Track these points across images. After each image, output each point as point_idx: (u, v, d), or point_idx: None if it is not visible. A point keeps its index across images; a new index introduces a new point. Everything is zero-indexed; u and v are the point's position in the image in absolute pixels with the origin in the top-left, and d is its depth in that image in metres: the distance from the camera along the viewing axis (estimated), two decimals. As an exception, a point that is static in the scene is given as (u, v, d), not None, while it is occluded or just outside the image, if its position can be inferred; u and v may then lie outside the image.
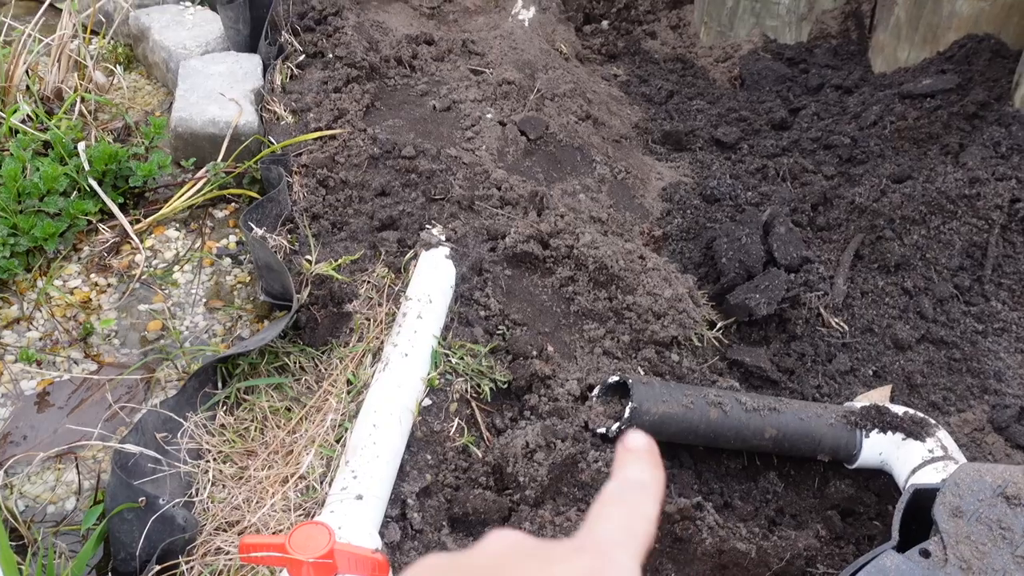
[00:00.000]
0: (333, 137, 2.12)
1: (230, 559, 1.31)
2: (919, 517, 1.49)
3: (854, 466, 1.75)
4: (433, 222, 1.95)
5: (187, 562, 1.29)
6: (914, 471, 1.65)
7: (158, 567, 1.25)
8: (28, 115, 2.06)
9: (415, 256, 1.87)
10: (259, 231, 1.76)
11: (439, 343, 1.69)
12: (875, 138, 2.52)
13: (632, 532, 0.48)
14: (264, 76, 2.26)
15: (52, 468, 1.49)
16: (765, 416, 1.71)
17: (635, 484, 0.50)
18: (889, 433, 1.72)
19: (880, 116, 2.57)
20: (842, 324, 2.03)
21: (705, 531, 1.61)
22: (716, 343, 1.97)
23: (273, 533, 1.36)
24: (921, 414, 1.76)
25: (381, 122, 2.22)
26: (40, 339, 1.70)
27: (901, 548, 1.36)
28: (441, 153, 2.11)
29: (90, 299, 1.79)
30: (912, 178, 2.31)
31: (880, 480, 1.78)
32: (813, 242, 2.23)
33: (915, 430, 1.71)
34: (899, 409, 1.76)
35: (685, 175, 2.48)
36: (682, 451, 1.78)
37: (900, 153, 2.46)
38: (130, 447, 1.36)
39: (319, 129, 2.12)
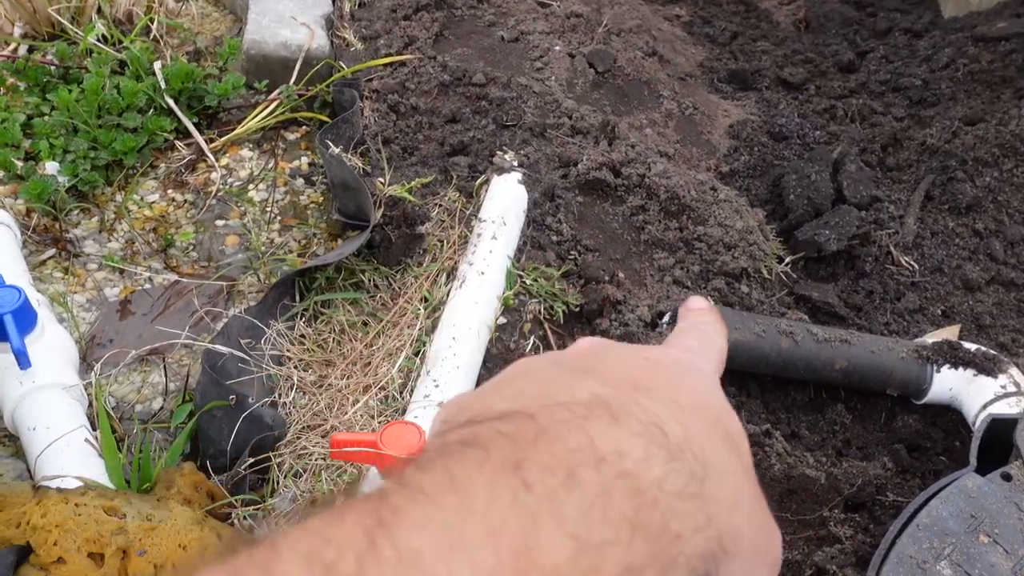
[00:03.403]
0: (403, 64, 2.12)
1: (316, 459, 1.34)
2: (992, 447, 1.49)
3: (923, 401, 1.74)
4: (505, 148, 1.95)
5: (277, 456, 1.32)
6: (985, 406, 1.65)
7: (251, 459, 1.28)
8: (103, 35, 2.07)
9: (487, 181, 1.87)
10: (335, 149, 1.78)
11: (513, 264, 1.70)
12: (947, 80, 2.48)
13: (708, 350, 0.51)
14: (333, 2, 2.26)
15: (138, 370, 1.52)
16: (836, 347, 1.71)
17: (703, 322, 0.54)
18: (960, 369, 1.71)
19: (952, 59, 2.52)
20: (912, 263, 2.02)
21: (774, 457, 1.62)
22: (784, 278, 1.97)
23: (359, 433, 1.39)
24: (993, 351, 1.75)
25: (450, 50, 2.22)
26: (121, 249, 1.73)
27: (978, 474, 1.36)
28: (511, 81, 2.10)
29: (168, 213, 1.81)
30: (985, 120, 2.28)
31: (947, 417, 1.77)
32: (883, 182, 2.21)
33: (987, 366, 1.70)
34: (971, 346, 1.75)
35: (752, 113, 2.46)
36: (750, 381, 1.78)
37: (972, 96, 2.42)
38: (220, 348, 1.39)
39: (389, 55, 2.12)
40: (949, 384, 1.71)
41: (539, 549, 0.30)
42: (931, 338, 1.85)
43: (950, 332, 1.94)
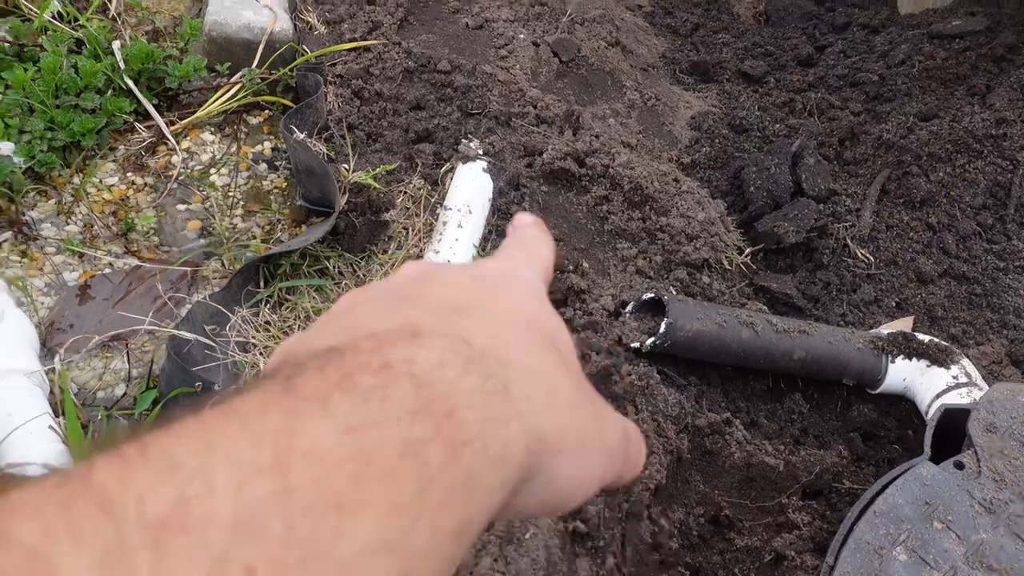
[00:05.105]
0: (367, 49, 2.11)
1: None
2: (944, 437, 1.53)
3: (878, 391, 1.79)
4: (470, 136, 1.94)
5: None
6: (937, 396, 1.69)
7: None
8: (58, 12, 2.03)
9: (452, 168, 1.87)
10: (300, 134, 1.76)
11: (479, 253, 1.70)
12: (902, 77, 2.53)
13: (533, 259, 0.52)
14: (297, -15, 2.24)
15: (100, 356, 1.50)
16: (795, 338, 1.74)
17: (529, 236, 0.55)
18: (914, 359, 1.75)
19: (908, 55, 2.57)
20: (868, 255, 2.06)
21: (734, 445, 1.65)
22: (744, 269, 1.99)
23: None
24: (945, 343, 1.80)
25: (415, 36, 2.21)
26: (79, 233, 1.70)
27: (932, 463, 1.40)
28: (476, 69, 2.10)
29: (127, 197, 1.78)
30: (939, 117, 2.33)
31: (900, 406, 1.82)
32: (840, 175, 2.25)
33: (940, 357, 1.74)
34: (924, 337, 1.80)
35: (713, 105, 2.48)
36: (711, 370, 1.81)
37: (927, 92, 2.47)
38: (185, 334, 1.37)
39: (354, 40, 2.10)
40: (903, 374, 1.75)
41: (302, 435, 0.29)
42: (886, 329, 1.89)
43: (904, 324, 1.98)
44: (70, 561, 0.23)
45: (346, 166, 1.83)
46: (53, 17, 2.02)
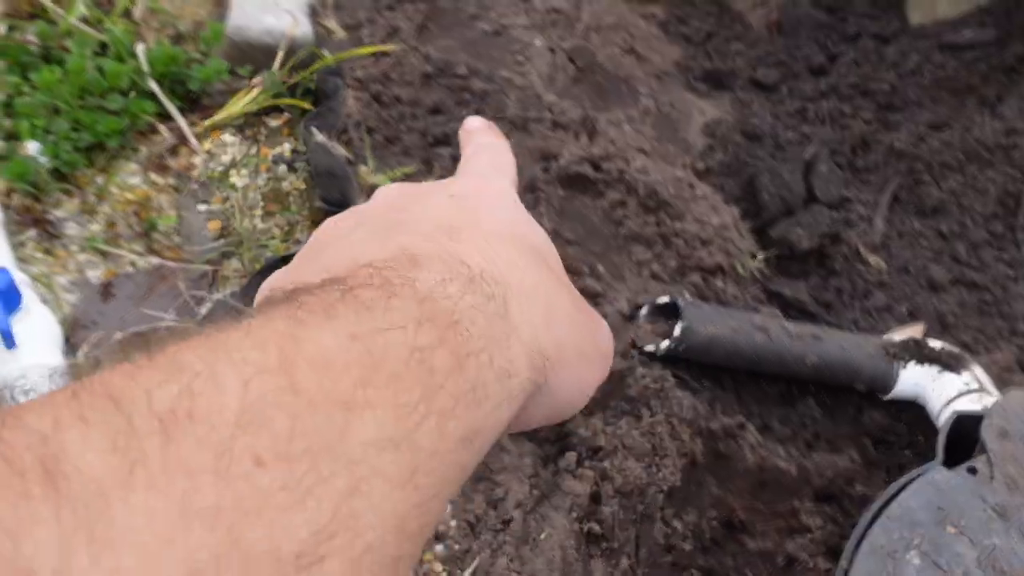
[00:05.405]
0: (386, 53, 2.13)
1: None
2: (956, 443, 1.55)
3: (889, 396, 1.80)
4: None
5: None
6: (949, 402, 1.71)
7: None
8: (84, 16, 2.06)
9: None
10: (320, 137, 1.78)
11: (496, 255, 1.72)
12: (913, 86, 2.55)
13: (500, 168, 0.53)
14: (316, -10, 2.26)
15: (122, 353, 1.52)
16: (808, 343, 1.76)
17: (488, 144, 0.55)
18: (926, 365, 1.77)
19: (919, 65, 2.59)
20: (880, 262, 2.08)
21: (747, 449, 1.66)
22: (757, 274, 2.01)
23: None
24: (957, 349, 1.82)
25: (433, 41, 2.23)
26: (102, 232, 1.72)
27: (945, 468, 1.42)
28: (494, 74, 2.13)
29: (150, 197, 1.81)
30: (950, 126, 2.35)
31: (911, 412, 1.83)
32: (852, 183, 2.27)
33: (952, 363, 1.76)
34: (936, 343, 1.82)
35: (726, 113, 2.50)
36: (724, 374, 1.82)
37: (938, 102, 2.49)
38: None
39: (373, 44, 2.13)
40: (914, 380, 1.77)
41: (307, 341, 0.29)
42: (897, 335, 1.91)
43: (915, 330, 2.00)
44: (80, 447, 0.24)
45: (365, 168, 1.86)
46: (79, 20, 2.05)
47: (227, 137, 1.97)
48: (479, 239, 0.41)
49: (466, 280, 0.36)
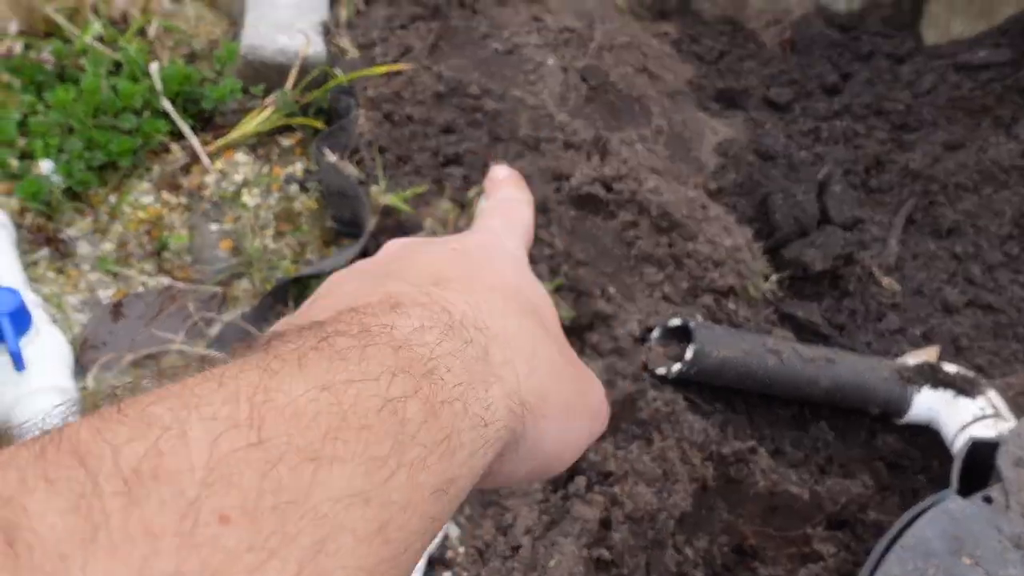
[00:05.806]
0: (398, 73, 2.13)
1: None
2: (971, 469, 1.53)
3: (903, 421, 1.78)
4: (499, 160, 1.97)
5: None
6: (964, 427, 1.69)
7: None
8: (99, 35, 2.07)
9: (480, 192, 1.89)
10: (333, 157, 1.79)
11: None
12: (928, 106, 2.54)
13: (513, 227, 0.53)
14: (330, 9, 2.27)
15: (131, 374, 1.52)
16: (821, 367, 1.74)
17: (508, 199, 0.56)
18: (941, 390, 1.75)
19: (934, 85, 2.58)
20: (894, 284, 2.06)
21: (758, 474, 1.65)
22: (769, 296, 2.00)
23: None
24: (972, 373, 1.80)
25: (445, 61, 2.23)
26: (114, 251, 1.73)
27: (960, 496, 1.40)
28: (506, 94, 2.13)
29: (162, 216, 1.81)
30: (965, 147, 2.33)
31: (925, 436, 1.81)
32: (866, 204, 2.26)
33: (967, 388, 1.74)
34: (951, 367, 1.80)
35: (739, 132, 2.49)
36: (736, 397, 1.81)
37: (953, 122, 2.48)
38: (216, 354, 1.40)
39: (385, 63, 2.13)
40: (929, 404, 1.75)
41: (277, 391, 0.29)
42: (912, 359, 1.89)
43: (929, 353, 1.98)
44: (43, 508, 0.24)
45: (376, 187, 1.86)
46: (94, 39, 2.06)
47: (239, 156, 1.98)
48: (466, 288, 0.41)
49: (445, 327, 0.36)
